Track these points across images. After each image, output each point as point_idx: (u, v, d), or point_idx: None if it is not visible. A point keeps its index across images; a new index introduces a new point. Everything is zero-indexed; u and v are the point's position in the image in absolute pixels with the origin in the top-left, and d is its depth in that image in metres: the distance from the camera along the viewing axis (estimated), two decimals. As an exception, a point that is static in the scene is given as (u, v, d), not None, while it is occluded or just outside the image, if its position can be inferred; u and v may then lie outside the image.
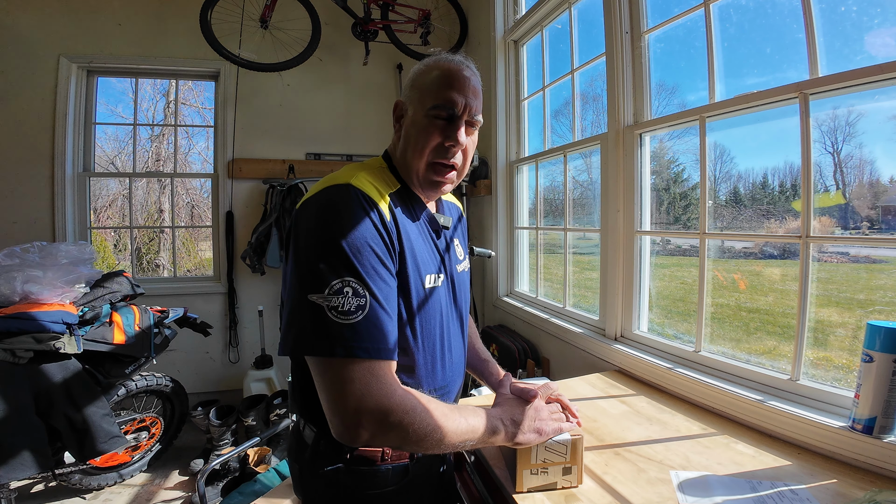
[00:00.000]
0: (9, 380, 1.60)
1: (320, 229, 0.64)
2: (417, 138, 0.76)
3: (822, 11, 1.02)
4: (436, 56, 0.80)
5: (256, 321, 2.87)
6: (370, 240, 0.65)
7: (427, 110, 0.75)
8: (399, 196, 0.77)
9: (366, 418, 0.60)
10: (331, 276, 0.62)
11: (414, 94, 0.78)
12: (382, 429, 0.61)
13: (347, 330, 0.60)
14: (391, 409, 0.61)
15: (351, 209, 0.65)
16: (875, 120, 1.02)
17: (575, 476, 0.81)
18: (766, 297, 1.37)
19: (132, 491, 2.12)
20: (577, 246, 2.11)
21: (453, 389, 0.87)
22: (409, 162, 0.78)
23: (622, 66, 1.55)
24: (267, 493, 1.58)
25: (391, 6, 2.78)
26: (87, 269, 1.94)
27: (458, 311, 0.87)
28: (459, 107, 0.75)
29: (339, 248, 0.63)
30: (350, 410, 0.60)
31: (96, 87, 2.83)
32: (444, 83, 0.75)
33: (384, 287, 0.65)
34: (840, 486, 0.81)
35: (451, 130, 0.75)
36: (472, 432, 0.69)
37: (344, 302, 0.61)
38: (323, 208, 0.66)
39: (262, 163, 2.92)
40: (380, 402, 0.60)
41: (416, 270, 0.74)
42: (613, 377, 1.45)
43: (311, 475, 0.75)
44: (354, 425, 0.60)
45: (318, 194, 0.68)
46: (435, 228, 0.83)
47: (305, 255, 0.64)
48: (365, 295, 0.62)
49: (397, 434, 0.62)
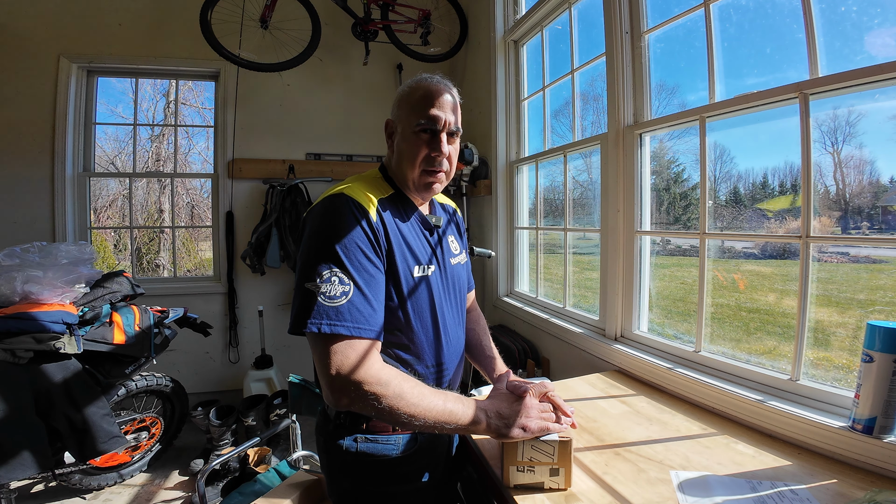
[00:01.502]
0: (9, 380, 1.60)
1: (317, 232, 0.79)
2: (409, 152, 0.89)
3: (822, 11, 1.02)
4: (417, 77, 0.92)
5: (256, 321, 2.87)
6: (357, 239, 0.78)
7: (414, 127, 0.87)
8: (391, 200, 0.90)
9: (343, 385, 0.72)
10: (322, 267, 0.75)
11: (402, 113, 0.90)
12: (358, 396, 0.72)
13: (332, 311, 0.73)
14: (365, 380, 0.72)
15: (342, 214, 0.79)
16: (875, 120, 1.02)
17: (563, 478, 0.81)
18: (766, 297, 1.37)
19: (132, 491, 2.12)
20: (577, 246, 2.11)
21: (451, 368, 0.97)
22: (405, 172, 0.91)
23: (622, 66, 1.55)
24: (267, 493, 1.58)
25: (391, 6, 2.78)
26: (87, 269, 1.94)
27: (454, 297, 0.99)
28: (441, 123, 0.88)
29: (331, 245, 0.76)
30: (332, 377, 0.72)
31: (96, 87, 2.83)
32: (427, 103, 0.87)
33: (368, 278, 0.78)
34: (840, 486, 0.81)
35: (435, 143, 0.88)
36: (450, 416, 0.76)
37: (331, 288, 0.74)
38: (319, 215, 0.81)
39: (262, 163, 2.92)
40: (356, 373, 0.72)
41: (405, 262, 0.86)
42: (613, 377, 1.45)
43: (334, 443, 0.87)
44: (335, 390, 0.72)
45: (319, 204, 0.83)
46: (427, 227, 0.96)
47: (307, 252, 0.78)
48: (349, 283, 0.75)
49: (370, 402, 0.72)
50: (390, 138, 0.95)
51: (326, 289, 0.73)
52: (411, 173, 0.90)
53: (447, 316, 0.95)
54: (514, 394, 0.85)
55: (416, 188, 0.93)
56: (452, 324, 0.97)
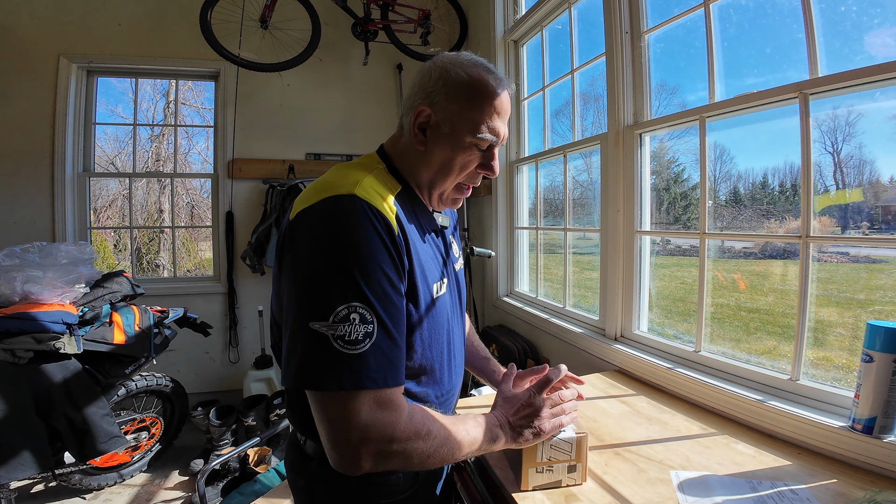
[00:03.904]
0: (9, 380, 1.60)
1: (324, 248, 0.58)
2: (453, 161, 0.72)
3: (822, 11, 1.02)
4: (475, 62, 0.72)
5: (256, 321, 2.87)
6: (381, 261, 0.60)
7: (472, 136, 0.70)
8: (401, 199, 0.71)
9: (368, 450, 0.57)
10: (337, 301, 0.56)
11: (455, 108, 0.69)
12: (386, 457, 0.58)
13: (356, 361, 0.56)
14: (395, 438, 0.58)
15: (358, 225, 0.59)
16: (875, 120, 1.02)
17: (579, 473, 0.81)
18: (766, 297, 1.37)
19: (132, 491, 2.12)
20: (577, 246, 2.11)
21: (456, 391, 0.87)
22: (434, 179, 0.74)
23: (622, 66, 1.55)
24: (267, 493, 1.58)
25: (391, 6, 2.78)
26: (87, 269, 1.94)
27: (459, 310, 0.86)
28: (503, 139, 0.73)
29: (348, 271, 0.57)
30: (353, 444, 0.56)
31: (96, 87, 2.83)
32: (495, 112, 0.71)
33: (393, 311, 0.61)
34: (840, 486, 0.81)
35: (488, 160, 0.74)
36: (473, 444, 0.68)
37: (351, 330, 0.56)
38: (324, 222, 0.60)
39: (262, 163, 2.92)
40: (384, 433, 0.57)
41: (425, 282, 0.69)
42: (613, 377, 1.45)
43: (321, 486, 0.73)
44: (357, 458, 0.57)
45: (320, 205, 0.61)
46: (436, 231, 0.81)
47: (308, 276, 0.59)
48: (372, 321, 0.57)
49: (401, 460, 0.60)
50: (421, 130, 0.72)
51: (345, 331, 0.56)
52: (443, 184, 0.74)
53: (456, 335, 0.82)
54: (519, 396, 0.78)
55: (441, 200, 0.77)
56: (460, 343, 0.85)
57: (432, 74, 0.71)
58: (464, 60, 0.72)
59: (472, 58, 0.73)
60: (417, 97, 0.72)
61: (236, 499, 1.67)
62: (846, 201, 1.13)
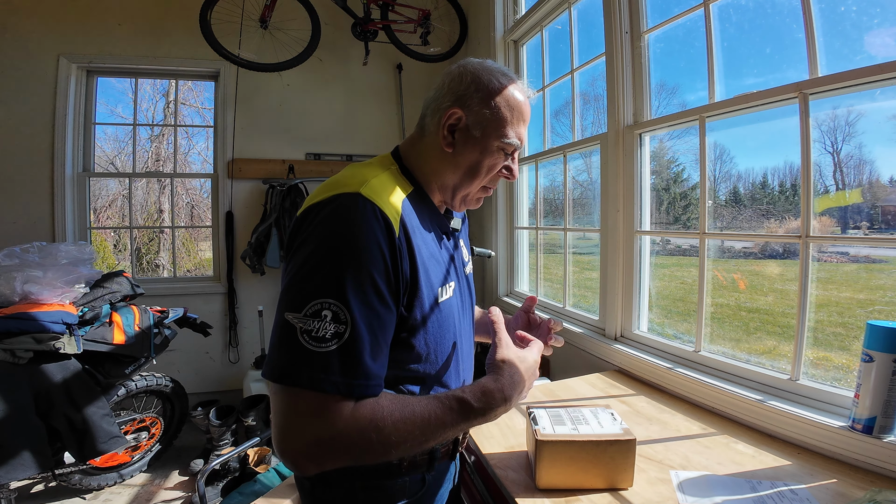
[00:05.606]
0: (9, 380, 1.60)
1: (320, 244, 0.58)
2: (481, 164, 0.73)
3: (822, 11, 1.02)
4: (503, 71, 0.75)
5: (256, 321, 2.87)
6: (373, 266, 0.58)
7: (502, 141, 0.72)
8: (412, 200, 0.70)
9: (319, 454, 0.54)
10: (313, 295, 0.55)
11: (484, 113, 0.71)
12: (332, 460, 0.55)
13: (318, 359, 0.54)
14: (337, 442, 0.54)
15: (358, 225, 0.59)
16: (875, 120, 1.02)
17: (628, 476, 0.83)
18: (766, 297, 1.37)
19: (132, 491, 2.12)
20: (577, 246, 2.11)
21: None
22: (461, 182, 0.75)
23: (622, 66, 1.55)
24: (267, 493, 1.58)
25: (391, 6, 2.78)
26: (87, 270, 1.94)
27: (469, 315, 0.84)
28: (524, 144, 0.78)
29: (334, 268, 0.56)
30: (305, 444, 0.54)
31: (96, 87, 2.83)
32: (522, 118, 0.75)
33: (372, 318, 0.58)
34: (840, 486, 0.81)
35: (511, 164, 0.77)
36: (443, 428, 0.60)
37: (319, 327, 0.54)
38: (327, 219, 0.60)
39: (262, 163, 2.92)
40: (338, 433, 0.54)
41: (430, 287, 0.68)
42: (613, 377, 1.45)
43: (325, 490, 0.71)
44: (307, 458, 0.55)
45: (325, 202, 0.61)
46: (445, 231, 0.79)
47: (298, 268, 0.58)
48: (346, 322, 0.55)
49: (350, 460, 0.56)
50: (450, 132, 0.72)
51: (313, 326, 0.54)
52: (469, 186, 0.75)
53: (464, 339, 0.80)
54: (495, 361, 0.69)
55: (465, 202, 0.78)
56: (467, 347, 0.82)
57: (464, 78, 0.72)
58: (493, 68, 0.75)
59: (499, 66, 0.77)
60: (446, 99, 0.72)
61: (236, 499, 1.67)
62: (846, 202, 1.13)
